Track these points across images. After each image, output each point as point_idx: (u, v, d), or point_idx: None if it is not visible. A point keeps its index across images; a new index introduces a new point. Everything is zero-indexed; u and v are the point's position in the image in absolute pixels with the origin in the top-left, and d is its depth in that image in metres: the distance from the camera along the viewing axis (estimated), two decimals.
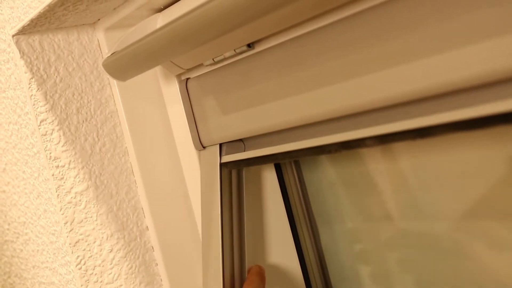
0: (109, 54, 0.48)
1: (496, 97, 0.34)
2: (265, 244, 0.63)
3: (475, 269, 0.50)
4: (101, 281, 0.60)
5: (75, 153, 0.60)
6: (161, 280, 0.61)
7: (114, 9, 0.57)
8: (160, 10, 0.55)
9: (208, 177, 0.57)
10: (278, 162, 0.62)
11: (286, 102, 0.47)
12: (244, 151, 0.58)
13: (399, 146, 0.54)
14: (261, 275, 0.59)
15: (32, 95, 0.58)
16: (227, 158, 0.56)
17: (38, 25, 0.56)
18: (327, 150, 0.46)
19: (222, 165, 0.57)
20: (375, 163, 0.57)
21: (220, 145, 0.57)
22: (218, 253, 0.55)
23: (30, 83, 0.58)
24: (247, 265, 0.57)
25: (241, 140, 0.58)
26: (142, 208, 0.62)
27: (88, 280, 0.60)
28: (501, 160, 0.45)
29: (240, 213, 0.57)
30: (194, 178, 0.62)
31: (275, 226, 0.64)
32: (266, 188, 0.64)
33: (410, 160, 0.53)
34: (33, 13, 0.53)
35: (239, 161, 0.55)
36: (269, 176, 0.64)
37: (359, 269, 0.61)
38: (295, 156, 0.50)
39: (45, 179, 0.62)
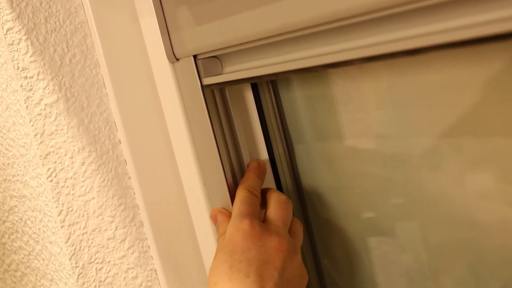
0: None
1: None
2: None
3: (452, 185, 0.51)
4: (73, 194, 0.60)
5: (44, 64, 0.58)
6: (134, 193, 0.61)
7: None
8: None
9: (191, 98, 0.57)
10: (260, 81, 0.61)
11: (263, 10, 0.45)
12: (222, 69, 0.57)
13: (379, 63, 0.53)
14: (257, 170, 0.60)
15: None
16: (207, 81, 0.56)
17: None
18: (311, 69, 0.45)
19: (203, 87, 0.56)
20: (354, 80, 0.56)
21: (196, 61, 0.56)
22: (217, 161, 0.55)
23: None
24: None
25: (216, 57, 0.57)
26: (114, 121, 0.61)
27: (60, 192, 0.59)
28: (485, 78, 0.45)
29: (230, 124, 0.58)
30: (168, 92, 0.61)
31: (252, 145, 0.64)
32: (243, 107, 0.63)
33: (390, 76, 0.53)
34: None
35: (221, 83, 0.55)
36: (246, 95, 0.63)
37: (334, 187, 0.62)
38: (277, 76, 0.49)
39: (13, 91, 0.60)
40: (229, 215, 0.58)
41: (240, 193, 0.58)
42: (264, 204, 0.58)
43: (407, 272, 0.57)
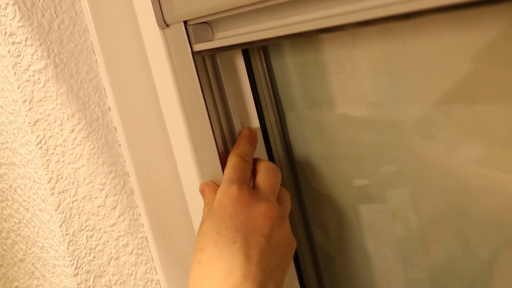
0: None
1: None
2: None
3: (444, 152, 0.51)
4: (62, 161, 0.59)
5: (32, 30, 0.57)
6: (124, 161, 0.61)
7: None
8: None
9: (182, 65, 0.56)
10: (251, 47, 0.61)
11: None
12: (213, 35, 0.56)
13: (372, 30, 0.53)
14: (249, 137, 0.60)
15: None
16: (198, 47, 0.55)
17: None
18: (303, 34, 0.44)
19: (194, 53, 0.55)
20: (346, 47, 0.56)
21: (186, 27, 0.55)
22: (207, 128, 0.55)
23: None
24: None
25: (207, 23, 0.56)
26: (104, 88, 0.61)
27: (49, 160, 0.59)
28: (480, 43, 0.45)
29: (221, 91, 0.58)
30: (158, 59, 0.60)
31: (243, 113, 0.63)
32: (234, 74, 0.62)
33: (382, 43, 0.52)
34: None
35: (211, 49, 0.54)
36: (238, 62, 0.63)
37: (325, 155, 0.62)
38: (268, 41, 0.48)
39: (1, 56, 0.59)
40: (216, 187, 0.58)
41: (232, 159, 0.57)
42: (253, 173, 0.58)
43: (398, 240, 0.58)
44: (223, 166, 0.59)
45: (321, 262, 0.66)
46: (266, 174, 0.58)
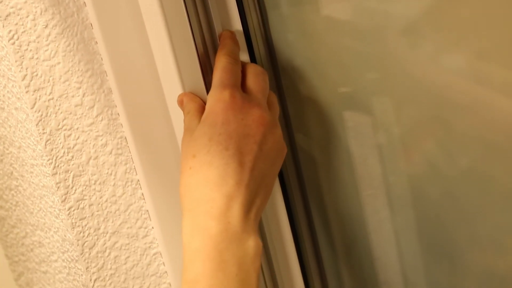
0: None
1: None
2: None
3: (429, 62, 0.50)
4: (37, 58, 0.57)
5: None
6: (101, 59, 0.59)
7: None
8: None
9: None
10: None
11: None
12: None
13: None
14: (233, 38, 0.58)
15: None
16: None
17: None
18: None
19: None
20: None
21: None
22: (187, 30, 0.53)
23: None
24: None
25: None
26: None
27: (23, 56, 0.57)
28: None
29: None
30: None
31: (224, 14, 0.61)
32: None
33: None
34: None
35: None
36: None
37: (310, 59, 0.60)
38: None
39: None
40: (194, 97, 0.56)
41: (221, 59, 0.56)
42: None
43: (379, 145, 0.58)
44: (202, 68, 0.57)
45: (302, 165, 0.66)
46: (256, 77, 0.57)
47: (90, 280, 0.63)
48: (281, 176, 0.66)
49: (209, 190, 0.49)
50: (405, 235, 0.59)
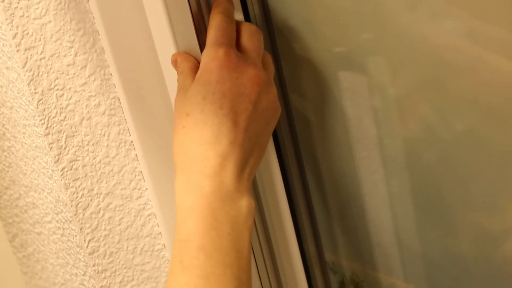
0: None
1: None
2: None
3: (426, 23, 0.49)
4: (27, 16, 0.56)
5: None
6: (93, 17, 0.58)
7: None
8: None
9: None
10: None
11: None
12: None
13: None
14: None
15: None
16: None
17: None
18: None
19: None
20: None
21: None
22: None
23: None
24: None
25: None
26: None
27: (13, 14, 0.56)
28: None
29: None
30: None
31: None
32: None
33: None
34: None
35: None
36: None
37: (305, 19, 0.60)
38: None
39: None
40: (189, 56, 0.56)
41: (216, 18, 0.55)
42: None
43: (373, 106, 0.58)
44: (197, 27, 0.57)
45: (297, 126, 0.66)
46: (250, 37, 0.56)
47: (84, 241, 0.63)
48: (275, 136, 0.66)
49: (202, 149, 0.49)
50: (399, 197, 0.59)
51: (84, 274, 0.67)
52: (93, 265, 0.64)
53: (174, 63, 0.56)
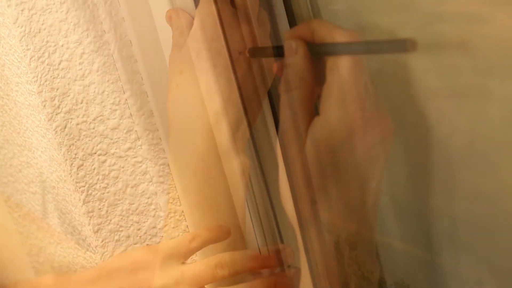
0: None
1: None
2: None
3: None
4: None
5: None
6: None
7: None
8: None
9: None
10: None
11: None
12: None
13: None
14: None
15: None
16: None
17: None
18: None
19: None
20: None
21: None
22: None
23: None
24: None
25: None
26: None
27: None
28: None
29: None
30: None
31: None
32: None
33: None
34: None
35: None
36: None
37: None
38: None
39: None
40: (184, 13, 0.54)
41: None
42: None
43: None
44: None
45: None
46: None
47: (79, 200, 0.63)
48: (270, 96, 0.65)
49: (196, 107, 0.49)
50: (393, 154, 0.59)
51: (79, 234, 0.67)
52: (88, 225, 0.64)
53: (169, 19, 0.55)
